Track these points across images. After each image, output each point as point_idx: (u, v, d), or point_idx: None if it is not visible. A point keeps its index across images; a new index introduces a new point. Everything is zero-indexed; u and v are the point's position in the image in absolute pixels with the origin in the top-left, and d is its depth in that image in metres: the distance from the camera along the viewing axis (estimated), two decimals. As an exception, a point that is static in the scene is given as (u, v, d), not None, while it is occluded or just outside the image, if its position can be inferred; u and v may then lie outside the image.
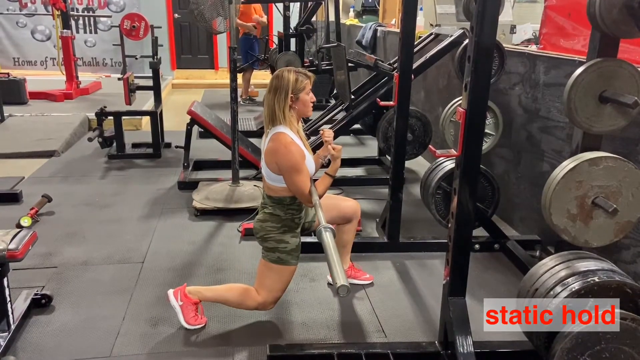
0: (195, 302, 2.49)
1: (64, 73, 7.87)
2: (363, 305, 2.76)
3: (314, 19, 7.50)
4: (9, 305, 2.36)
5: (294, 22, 7.37)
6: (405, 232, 3.41)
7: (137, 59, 8.64)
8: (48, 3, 8.73)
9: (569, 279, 1.88)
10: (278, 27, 7.78)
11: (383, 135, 4.45)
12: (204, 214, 3.85)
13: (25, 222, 3.53)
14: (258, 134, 5.79)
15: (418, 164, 4.97)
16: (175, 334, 2.47)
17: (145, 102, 6.66)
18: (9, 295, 2.36)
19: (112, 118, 5.17)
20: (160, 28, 8.30)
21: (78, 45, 8.94)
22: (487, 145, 3.49)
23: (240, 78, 7.71)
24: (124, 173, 4.85)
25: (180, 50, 10.59)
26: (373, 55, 5.18)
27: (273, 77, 2.34)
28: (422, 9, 5.65)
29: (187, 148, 4.84)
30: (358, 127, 5.53)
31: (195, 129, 4.90)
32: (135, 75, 5.53)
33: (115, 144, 5.21)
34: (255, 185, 4.11)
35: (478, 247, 3.30)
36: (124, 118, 5.30)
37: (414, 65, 3.65)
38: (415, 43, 4.18)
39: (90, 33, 10.22)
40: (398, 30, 3.35)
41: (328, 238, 1.90)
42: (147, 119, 6.07)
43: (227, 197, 3.96)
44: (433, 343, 2.32)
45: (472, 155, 2.02)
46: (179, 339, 2.44)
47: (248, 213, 3.76)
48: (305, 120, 4.99)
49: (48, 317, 2.59)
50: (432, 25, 5.33)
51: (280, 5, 6.89)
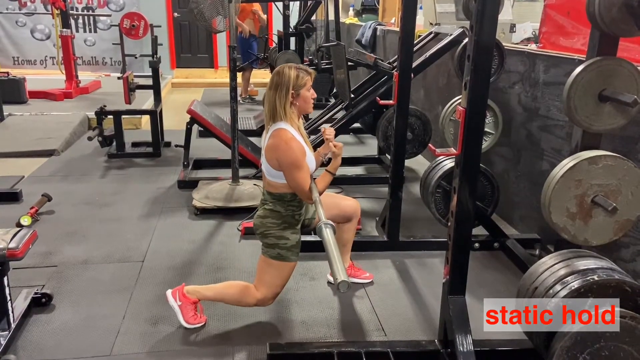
0: (194, 301, 2.49)
1: (64, 72, 7.88)
2: (363, 304, 2.76)
3: (314, 18, 7.50)
4: (9, 304, 2.36)
5: (294, 21, 7.37)
6: (405, 230, 3.42)
7: (136, 58, 8.64)
8: (47, 2, 8.73)
9: (569, 278, 1.88)
10: (278, 26, 7.79)
11: (383, 134, 4.46)
12: (204, 213, 3.85)
13: (25, 221, 3.53)
14: (258, 133, 5.79)
15: (418, 163, 4.98)
16: (175, 333, 2.47)
17: (145, 101, 6.67)
18: (9, 294, 2.36)
19: (111, 117, 5.18)
20: (160, 27, 8.28)
21: (78, 45, 8.93)
22: (486, 144, 3.49)
23: (240, 77, 7.72)
24: (124, 172, 4.85)
25: (180, 49, 10.59)
26: (373, 54, 5.18)
27: (274, 73, 2.34)
28: (421, 8, 5.65)
29: (186, 147, 4.84)
30: (358, 126, 5.53)
31: (195, 128, 4.90)
32: (135, 75, 5.53)
33: (115, 143, 5.22)
34: (255, 184, 4.11)
35: (478, 245, 3.30)
36: (124, 117, 5.30)
37: (414, 64, 3.65)
38: (415, 42, 4.18)
39: (90, 32, 10.22)
40: (398, 29, 3.36)
41: (328, 234, 1.91)
42: (146, 118, 6.08)
43: (227, 196, 3.96)
44: (433, 342, 2.32)
45: (471, 154, 2.02)
46: (179, 338, 2.44)
47: (248, 212, 3.76)
48: (306, 118, 5.00)
49: (48, 316, 2.59)
50: (431, 24, 5.33)
51: (280, 4, 6.89)
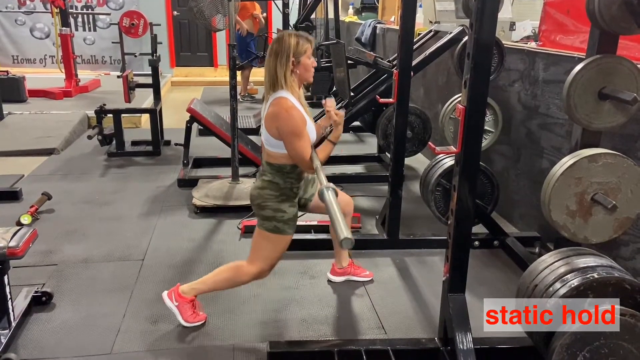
0: (191, 299, 2.48)
1: (63, 71, 7.87)
2: (363, 302, 2.76)
3: (313, 16, 7.49)
4: (10, 303, 2.37)
5: (293, 19, 7.36)
6: (405, 229, 3.42)
7: (136, 57, 8.64)
8: (47, 1, 8.74)
9: (568, 275, 1.88)
10: (277, 24, 7.79)
11: (382, 133, 4.45)
12: (204, 212, 3.85)
13: (25, 219, 3.53)
14: (257, 132, 5.79)
15: (417, 161, 4.98)
16: (176, 331, 2.47)
17: (145, 99, 6.67)
18: (10, 293, 2.36)
19: (111, 116, 5.18)
20: (160, 25, 8.29)
21: (77, 43, 8.93)
22: (486, 142, 3.50)
23: (239, 75, 7.71)
24: (124, 171, 4.85)
25: (180, 48, 10.58)
26: (372, 53, 5.18)
27: (274, 41, 2.29)
28: (421, 6, 5.65)
29: (186, 145, 4.84)
30: (358, 124, 5.53)
31: (195, 127, 4.90)
32: (135, 73, 5.53)
33: (115, 142, 5.22)
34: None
35: (477, 243, 3.30)
36: (124, 116, 5.30)
37: (414, 63, 3.65)
38: (415, 40, 4.18)
39: (89, 31, 10.21)
40: (397, 28, 3.35)
41: (330, 197, 1.91)
42: (146, 117, 6.07)
43: (226, 194, 3.96)
44: (433, 339, 2.33)
45: (471, 152, 2.02)
46: (179, 336, 2.44)
47: (248, 210, 3.75)
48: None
49: (48, 314, 2.59)
50: (431, 23, 5.33)
51: (280, 3, 6.89)
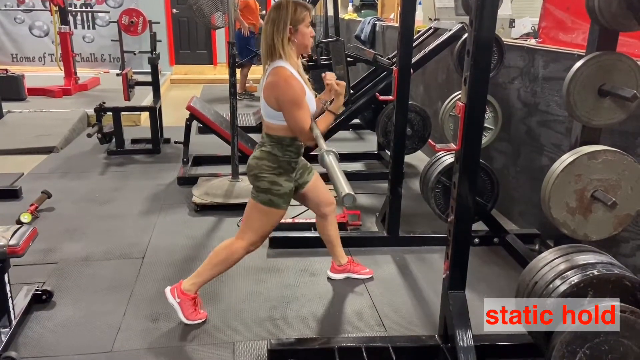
0: (193, 297, 2.48)
1: (62, 69, 7.86)
2: (363, 300, 2.76)
3: (313, 14, 7.47)
4: (10, 301, 2.37)
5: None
6: (405, 226, 3.41)
7: (135, 55, 8.62)
8: (46, -1, 8.72)
9: (568, 272, 1.88)
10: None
11: (382, 130, 4.45)
12: (204, 209, 3.85)
13: (25, 218, 3.53)
14: (257, 129, 5.78)
15: (417, 159, 4.97)
16: (176, 329, 2.47)
17: (144, 97, 6.66)
18: (10, 291, 2.36)
19: (111, 114, 5.17)
20: (159, 23, 8.27)
21: (76, 41, 8.92)
22: (486, 140, 3.49)
23: (238, 73, 7.70)
24: (124, 169, 4.85)
25: (179, 46, 10.57)
26: (372, 50, 5.18)
27: (271, 8, 2.26)
28: (421, 3, 5.64)
29: (186, 143, 4.83)
30: (357, 121, 5.53)
31: (195, 125, 4.90)
32: (134, 71, 5.53)
33: (115, 140, 5.21)
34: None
35: (478, 241, 3.30)
36: (123, 114, 5.30)
37: (413, 60, 3.64)
38: (414, 37, 4.17)
39: (89, 29, 10.19)
40: (397, 25, 3.35)
41: (330, 159, 1.92)
42: (146, 115, 6.07)
43: (226, 192, 3.96)
44: (433, 337, 2.33)
45: (471, 150, 2.02)
46: (180, 334, 2.44)
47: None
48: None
49: (49, 312, 2.59)
50: (431, 20, 5.32)
51: (279, 0, 6.86)
